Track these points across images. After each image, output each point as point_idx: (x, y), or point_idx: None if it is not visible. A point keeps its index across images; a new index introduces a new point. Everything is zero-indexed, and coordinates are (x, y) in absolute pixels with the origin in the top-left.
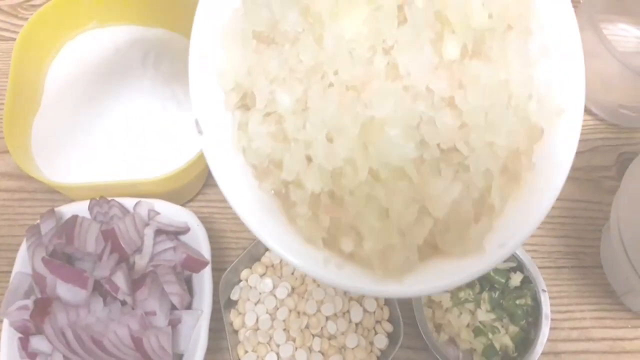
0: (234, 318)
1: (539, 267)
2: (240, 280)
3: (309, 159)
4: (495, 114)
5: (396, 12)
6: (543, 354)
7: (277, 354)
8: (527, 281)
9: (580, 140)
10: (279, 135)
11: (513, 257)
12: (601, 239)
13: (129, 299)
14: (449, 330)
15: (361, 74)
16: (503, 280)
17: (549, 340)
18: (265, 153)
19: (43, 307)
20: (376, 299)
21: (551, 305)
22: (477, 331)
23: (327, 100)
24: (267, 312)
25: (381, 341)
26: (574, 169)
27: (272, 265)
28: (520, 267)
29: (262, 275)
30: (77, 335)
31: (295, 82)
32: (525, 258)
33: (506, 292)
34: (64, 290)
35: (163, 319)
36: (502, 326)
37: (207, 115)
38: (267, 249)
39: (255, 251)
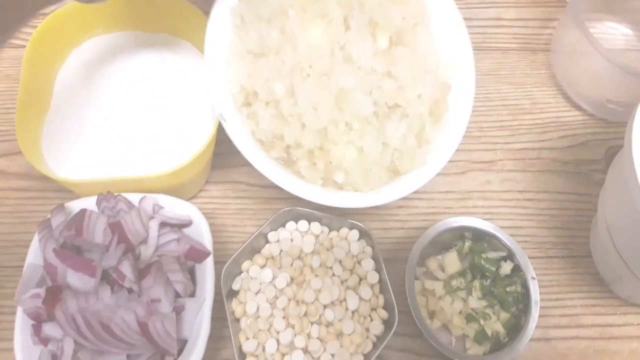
0: (235, 307)
1: (530, 258)
2: (241, 272)
3: (302, 127)
4: (417, 77)
5: (342, 22)
6: (535, 340)
7: (277, 340)
8: (517, 269)
9: (570, 135)
10: (278, 115)
11: (504, 247)
12: (590, 229)
13: (135, 287)
14: (442, 317)
15: (328, 64)
16: (494, 269)
17: (540, 327)
18: (270, 130)
19: (54, 294)
20: (371, 287)
21: (542, 293)
22: (469, 317)
23: (308, 84)
24: (267, 301)
25: (376, 327)
26: (564, 162)
27: (272, 257)
28: (510, 256)
29: (263, 267)
30: (87, 321)
31: (284, 77)
32: (516, 247)
33: (497, 280)
34: (74, 279)
35: (168, 305)
36: (494, 313)
37: (226, 110)
38: (267, 241)
39: (256, 243)
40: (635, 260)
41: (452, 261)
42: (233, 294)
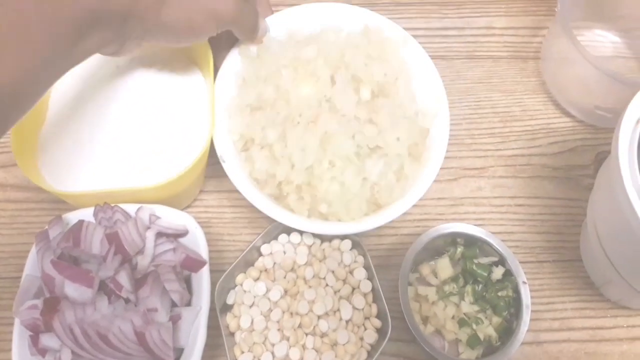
0: (229, 321)
1: (521, 262)
2: (235, 285)
3: (292, 166)
4: (396, 122)
5: (329, 79)
6: (526, 343)
7: (272, 352)
8: (508, 274)
9: (560, 141)
10: (271, 157)
11: (495, 252)
12: (580, 234)
13: (132, 297)
14: (435, 322)
15: (315, 113)
16: (485, 274)
17: (531, 330)
18: (264, 169)
19: (52, 305)
20: (364, 296)
21: (533, 297)
22: (462, 322)
23: (297, 130)
24: (261, 314)
25: (370, 336)
26: (554, 168)
27: (266, 270)
28: (502, 261)
29: (256, 280)
30: (84, 331)
31: (277, 125)
32: (507, 252)
33: (489, 285)
34: (72, 290)
35: (164, 315)
36: (486, 317)
37: (226, 153)
38: (260, 255)
39: (250, 256)
40: (624, 263)
41: (444, 267)
42: (227, 308)
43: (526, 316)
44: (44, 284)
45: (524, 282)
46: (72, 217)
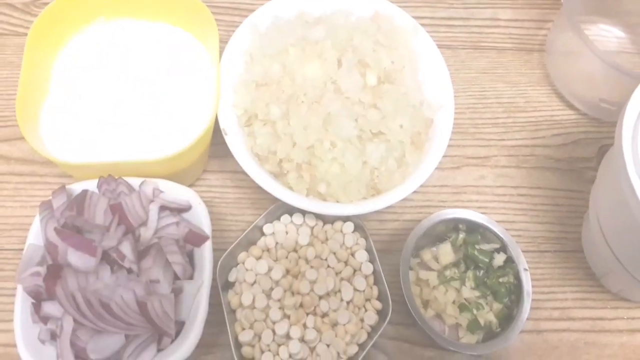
0: (231, 298)
1: (523, 251)
2: (237, 264)
3: (293, 144)
4: (400, 109)
5: (336, 61)
6: (526, 332)
7: (273, 330)
8: (509, 261)
9: (563, 133)
10: (273, 133)
11: (497, 239)
12: (583, 225)
13: (134, 267)
14: (435, 306)
15: (319, 93)
16: (487, 260)
17: (531, 319)
18: (265, 145)
19: (55, 272)
20: (365, 278)
21: (534, 287)
22: (462, 307)
23: (300, 108)
24: (262, 292)
25: (371, 318)
26: (557, 160)
27: (268, 249)
28: (503, 247)
29: (258, 259)
30: (87, 299)
31: (281, 103)
32: (508, 239)
33: (490, 271)
34: (75, 258)
35: (166, 286)
36: (486, 303)
37: (229, 127)
38: (262, 234)
39: (252, 235)
40: (626, 253)
41: (446, 252)
42: (229, 285)
43: (527, 303)
44: (47, 252)
45: (525, 269)
46: (77, 187)
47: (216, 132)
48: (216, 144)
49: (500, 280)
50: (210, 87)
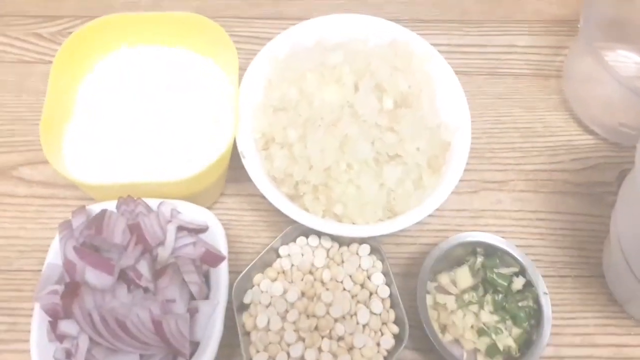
0: (246, 320)
1: (543, 276)
2: (253, 285)
3: (310, 167)
4: (417, 132)
5: (353, 86)
6: (547, 358)
7: (288, 353)
8: (529, 285)
9: (582, 158)
10: (290, 156)
11: (516, 262)
12: (603, 250)
13: (151, 286)
14: (453, 331)
15: (336, 116)
16: (506, 284)
17: (552, 345)
18: (282, 168)
19: (73, 289)
20: (382, 302)
21: (554, 312)
22: (481, 332)
23: (317, 131)
24: (277, 314)
25: (387, 342)
26: (576, 184)
27: (283, 271)
28: (522, 271)
29: (274, 280)
30: (103, 317)
31: (298, 126)
32: (527, 263)
33: (509, 295)
34: (92, 276)
35: (182, 306)
36: (505, 328)
37: (247, 150)
38: (278, 256)
39: (267, 257)
40: None
41: (464, 276)
42: (244, 307)
43: (547, 328)
44: (65, 270)
45: (545, 293)
46: (96, 208)
47: (234, 157)
48: (234, 168)
49: (520, 304)
50: (229, 112)
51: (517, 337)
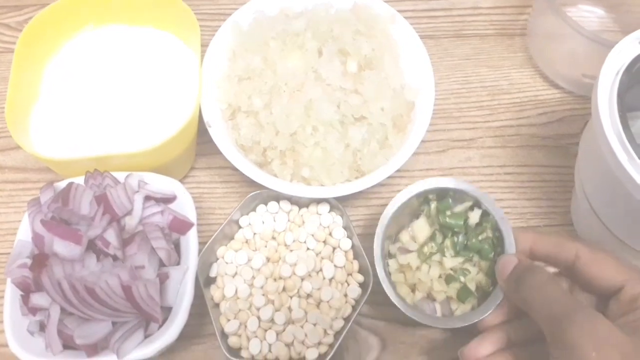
0: (214, 292)
1: (513, 228)
2: (217, 259)
3: (276, 132)
4: (381, 93)
5: (316, 52)
6: None
7: (258, 317)
8: (485, 214)
9: (548, 112)
10: (256, 124)
11: (469, 196)
12: (572, 199)
13: (119, 254)
14: (422, 287)
15: (300, 82)
16: (461, 222)
17: None
18: (249, 136)
19: (41, 261)
20: (345, 254)
21: None
22: (449, 279)
23: (282, 97)
24: (244, 282)
25: (354, 291)
26: (543, 137)
27: (247, 241)
28: (477, 203)
29: (238, 251)
30: (72, 285)
31: (263, 94)
32: (479, 193)
33: (469, 232)
34: (61, 247)
35: (152, 272)
36: (474, 265)
37: (213, 120)
38: (239, 227)
39: (229, 230)
40: (615, 221)
41: (420, 227)
42: (211, 280)
43: (511, 250)
44: (34, 244)
45: (502, 218)
46: (64, 184)
47: (204, 131)
48: (204, 142)
49: (480, 237)
50: (194, 84)
51: (487, 270)
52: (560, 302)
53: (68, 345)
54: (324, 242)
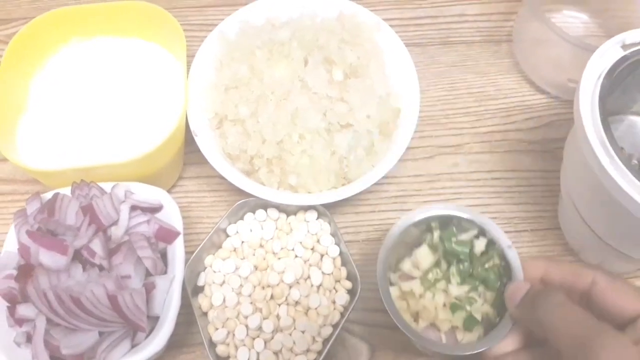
0: (201, 301)
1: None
2: (205, 268)
3: (263, 141)
4: (366, 101)
5: (302, 61)
6: None
7: (246, 325)
8: (491, 243)
9: (535, 117)
10: (243, 132)
11: (473, 225)
12: (558, 203)
13: (105, 263)
14: (426, 315)
15: (287, 90)
16: (467, 250)
17: None
18: (236, 144)
19: (26, 271)
20: (333, 261)
21: None
22: (454, 307)
23: (269, 106)
24: (232, 291)
25: (342, 298)
26: (530, 142)
27: (234, 249)
28: (482, 232)
29: (225, 259)
30: (58, 296)
31: (250, 103)
32: (485, 221)
33: (474, 261)
34: (46, 258)
35: (138, 282)
36: (479, 295)
37: (200, 129)
38: (227, 236)
39: (216, 239)
40: (600, 224)
41: (424, 255)
42: (199, 290)
43: (520, 276)
44: (20, 255)
45: (509, 246)
46: (50, 195)
47: (191, 140)
48: (192, 152)
49: (486, 266)
50: (180, 94)
51: (492, 301)
52: (582, 324)
53: (55, 356)
54: (312, 249)
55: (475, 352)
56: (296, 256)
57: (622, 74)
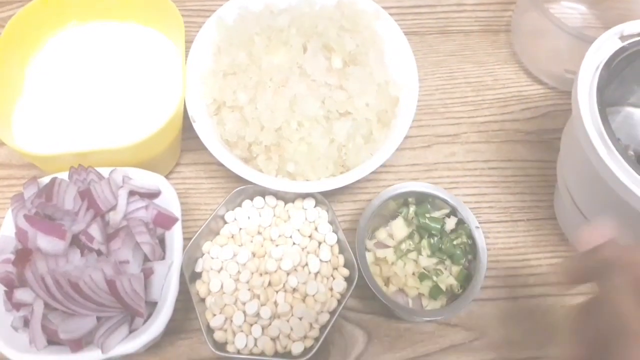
0: (199, 287)
1: (495, 222)
2: (203, 254)
3: (261, 128)
4: (365, 88)
5: (301, 48)
6: (502, 299)
7: (244, 312)
8: (461, 223)
9: (532, 107)
10: (241, 119)
11: (446, 204)
12: (554, 193)
13: (103, 248)
14: (396, 281)
15: (285, 77)
16: (439, 226)
17: (507, 287)
18: (234, 131)
19: (24, 255)
20: (330, 249)
21: (508, 255)
22: (422, 276)
23: (267, 92)
24: (230, 277)
25: (339, 285)
26: (527, 132)
27: (232, 236)
28: (453, 211)
29: (223, 246)
30: (56, 280)
31: (249, 89)
32: (457, 202)
33: (444, 237)
34: (44, 242)
35: (136, 267)
36: (445, 268)
37: (198, 115)
38: (225, 222)
39: (214, 225)
40: (596, 215)
41: (399, 227)
42: (196, 276)
43: (484, 259)
44: (18, 240)
45: (477, 227)
46: (47, 179)
47: (189, 127)
48: (189, 138)
49: (455, 242)
50: (178, 80)
51: (457, 275)
52: None
53: (52, 340)
54: (310, 236)
55: (440, 317)
56: (294, 243)
57: (620, 65)
